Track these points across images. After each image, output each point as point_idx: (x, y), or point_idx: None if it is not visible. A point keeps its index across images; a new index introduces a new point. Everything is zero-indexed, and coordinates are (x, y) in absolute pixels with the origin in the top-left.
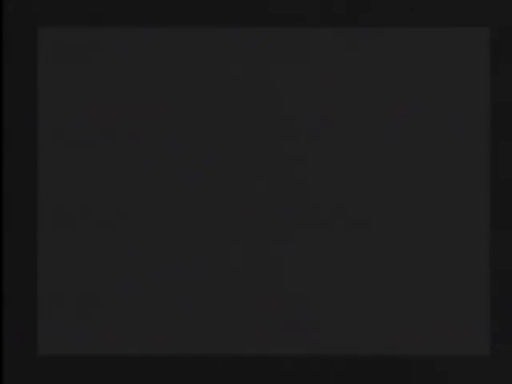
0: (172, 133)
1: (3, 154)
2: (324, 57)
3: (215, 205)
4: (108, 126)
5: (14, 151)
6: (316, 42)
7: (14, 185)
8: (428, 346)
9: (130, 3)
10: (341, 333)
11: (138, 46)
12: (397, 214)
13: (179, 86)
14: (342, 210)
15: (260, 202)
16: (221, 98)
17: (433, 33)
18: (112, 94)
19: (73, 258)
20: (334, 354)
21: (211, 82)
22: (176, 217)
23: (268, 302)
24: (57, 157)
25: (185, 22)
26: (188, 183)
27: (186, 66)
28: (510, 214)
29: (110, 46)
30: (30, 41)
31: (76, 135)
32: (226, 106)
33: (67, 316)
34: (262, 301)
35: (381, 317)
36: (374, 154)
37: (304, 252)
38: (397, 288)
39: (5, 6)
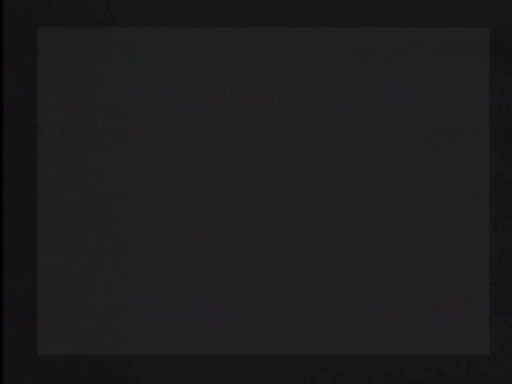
0: (172, 132)
1: (3, 154)
2: (324, 57)
3: (215, 204)
4: (108, 125)
5: (14, 151)
6: (316, 42)
7: (14, 185)
8: (428, 346)
9: (129, 4)
10: (341, 333)
11: (138, 46)
12: (398, 216)
13: (179, 86)
14: (343, 211)
15: (260, 202)
16: (220, 99)
17: (433, 33)
18: (111, 94)
19: (73, 259)
20: (334, 354)
21: (211, 82)
22: (176, 218)
23: (268, 303)
24: (57, 156)
25: (185, 22)
26: (188, 183)
27: (185, 66)
28: (510, 215)
29: (109, 46)
30: (30, 41)
31: (76, 135)
32: (226, 107)
33: (67, 316)
34: (262, 301)
35: (381, 317)
36: (373, 154)
37: (304, 253)
38: (397, 289)
39: (5, 6)
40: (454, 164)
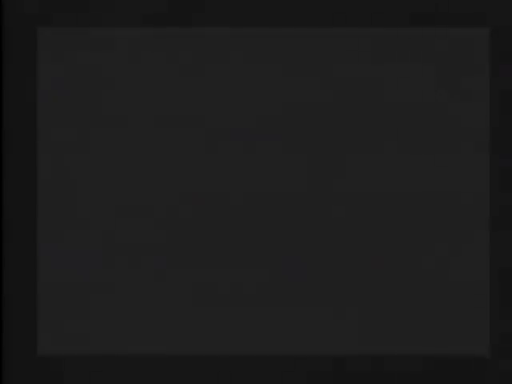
0: (172, 134)
1: (3, 155)
2: (324, 57)
3: (215, 205)
4: (108, 126)
5: (14, 151)
6: (316, 42)
7: (13, 186)
8: (428, 347)
9: (129, 4)
10: (341, 333)
11: (138, 46)
12: (397, 215)
13: (179, 87)
14: (342, 211)
15: (260, 201)
16: (221, 100)
17: (433, 33)
18: (112, 95)
19: (72, 259)
20: (334, 354)
21: (211, 83)
22: (176, 218)
23: (268, 303)
24: (56, 157)
25: (184, 22)
26: (187, 184)
27: (186, 67)
28: (510, 215)
29: (109, 46)
30: (30, 41)
31: (76, 135)
32: (226, 108)
33: (67, 316)
34: (263, 301)
35: (381, 317)
36: (373, 154)
37: (305, 253)
38: (397, 288)
39: (5, 6)
40: (453, 163)
